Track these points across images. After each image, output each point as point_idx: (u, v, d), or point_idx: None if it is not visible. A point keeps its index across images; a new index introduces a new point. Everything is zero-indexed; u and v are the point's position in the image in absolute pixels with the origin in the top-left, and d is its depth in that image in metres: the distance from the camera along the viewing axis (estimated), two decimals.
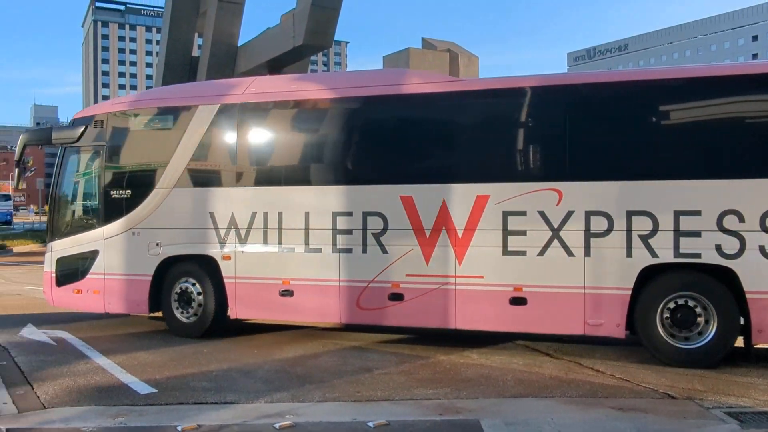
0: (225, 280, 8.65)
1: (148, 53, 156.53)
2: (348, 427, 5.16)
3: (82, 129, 9.57)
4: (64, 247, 9.58)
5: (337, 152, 8.59)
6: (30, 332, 8.99)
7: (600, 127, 7.58)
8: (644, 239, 7.10)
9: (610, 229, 7.21)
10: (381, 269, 8.03)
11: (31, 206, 69.34)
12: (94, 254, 9.30)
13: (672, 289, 7.11)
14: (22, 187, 11.00)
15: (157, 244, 8.96)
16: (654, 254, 7.06)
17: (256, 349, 8.08)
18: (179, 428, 5.00)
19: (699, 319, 6.99)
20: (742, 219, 6.80)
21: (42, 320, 9.85)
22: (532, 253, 7.45)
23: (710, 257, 6.88)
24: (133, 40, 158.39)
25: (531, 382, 6.50)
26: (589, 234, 7.28)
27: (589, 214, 7.28)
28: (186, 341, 8.47)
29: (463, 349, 7.97)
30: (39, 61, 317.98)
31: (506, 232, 7.56)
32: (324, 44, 35.27)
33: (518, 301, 7.48)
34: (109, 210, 9.26)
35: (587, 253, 7.28)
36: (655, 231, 7.06)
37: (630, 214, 7.15)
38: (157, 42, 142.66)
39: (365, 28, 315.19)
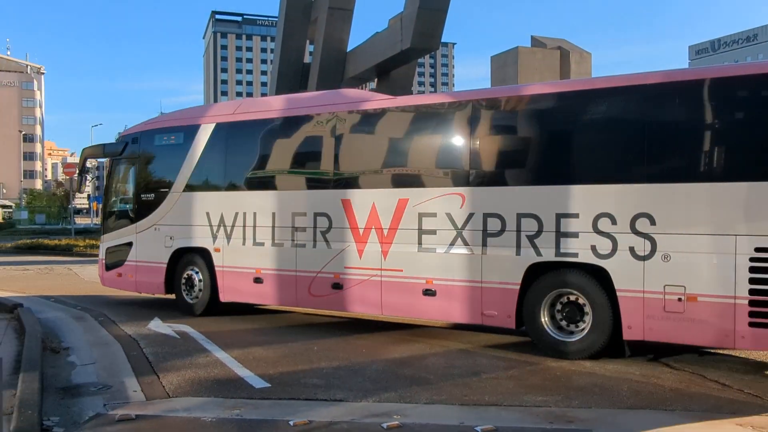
0: (216, 269, 10.41)
1: (263, 61, 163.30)
2: (455, 430, 5.13)
3: (123, 145, 11.88)
4: (111, 239, 11.95)
5: (294, 163, 10.15)
6: (156, 325, 9.63)
7: (492, 139, 8.46)
8: (531, 239, 7.77)
9: (503, 230, 7.96)
10: (326, 262, 9.34)
11: None
12: (129, 245, 11.52)
13: (554, 286, 7.74)
14: (83, 191, 13.85)
15: (171, 238, 10.96)
16: (539, 253, 7.72)
17: (365, 348, 8.21)
18: (291, 423, 5.17)
19: (585, 315, 7.53)
20: (614, 221, 7.28)
21: (167, 315, 10.51)
22: (441, 250, 8.40)
23: (586, 257, 7.43)
24: (249, 49, 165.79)
25: (648, 394, 6.17)
26: (486, 234, 8.08)
27: (486, 216, 8.09)
28: (297, 339, 8.75)
29: None
30: (166, 72, 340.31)
31: (420, 231, 8.56)
32: (431, 46, 35.39)
33: (429, 292, 8.45)
34: (140, 210, 11.41)
35: (484, 251, 8.08)
36: (540, 232, 7.72)
37: (519, 216, 7.85)
38: (272, 50, 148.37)
39: (472, 29, 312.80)
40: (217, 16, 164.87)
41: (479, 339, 8.88)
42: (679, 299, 6.97)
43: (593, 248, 7.38)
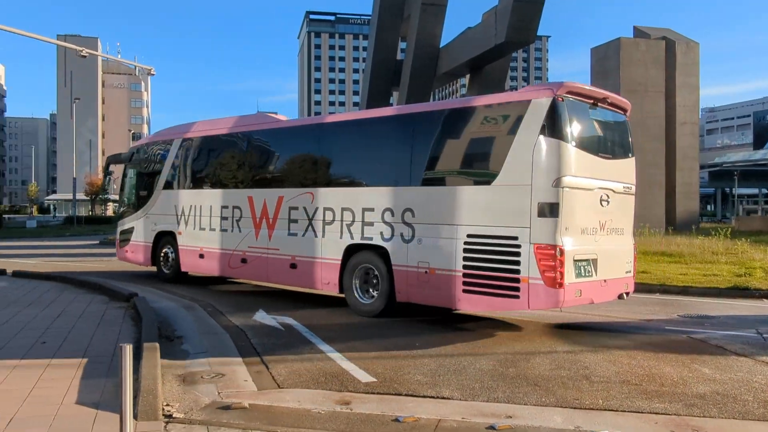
0: (179, 247, 13.80)
1: (355, 59, 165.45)
2: None
3: (131, 154, 15.92)
4: (121, 225, 15.92)
5: (217, 169, 13.33)
6: (262, 317, 9.90)
7: (317, 157, 11.36)
8: (348, 227, 10.37)
9: (333, 219, 10.62)
10: (238, 242, 12.34)
11: None
12: (131, 229, 15.40)
13: (360, 262, 10.23)
14: (107, 189, 19.96)
15: (155, 224, 14.55)
16: (352, 237, 10.29)
17: (468, 346, 8.08)
18: (400, 419, 5.14)
19: (377, 283, 9.99)
20: (393, 214, 9.74)
21: (271, 307, 10.81)
22: (300, 234, 11.10)
23: (376, 240, 9.93)
24: (342, 48, 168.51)
25: None
26: (323, 222, 10.76)
27: (324, 209, 10.77)
28: (398, 334, 8.76)
29: (691, 362, 7.29)
30: (263, 72, 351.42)
31: (290, 221, 11.33)
32: (526, 40, 34.60)
33: (293, 266, 11.23)
34: (139, 203, 15.21)
35: (323, 235, 10.75)
36: (353, 221, 10.29)
37: (342, 210, 10.48)
38: (364, 49, 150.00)
39: (567, 21, 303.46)
40: (311, 16, 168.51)
41: (584, 340, 8.57)
42: (426, 272, 9.28)
43: (381, 234, 9.87)
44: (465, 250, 8.73)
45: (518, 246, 8.21)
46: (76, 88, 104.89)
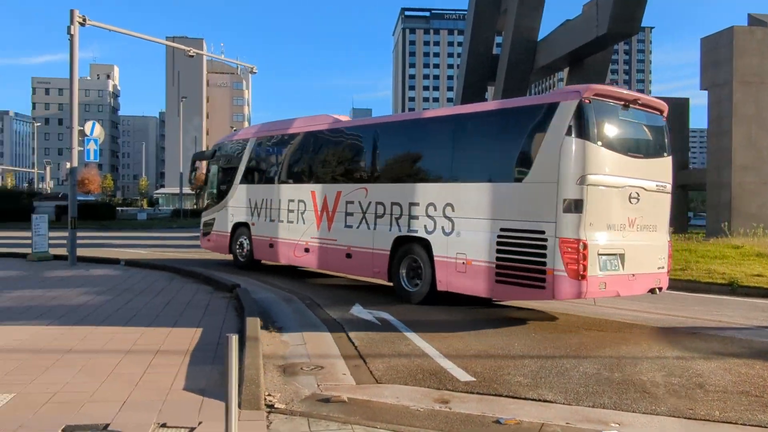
0: (252, 237, 15.04)
1: (450, 55, 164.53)
2: None
3: (213, 151, 17.27)
4: (205, 216, 17.22)
5: (283, 166, 14.50)
6: (359, 311, 9.96)
7: (370, 156, 12.19)
8: (396, 220, 11.10)
9: (384, 213, 11.37)
10: (302, 233, 13.39)
11: None
12: (213, 220, 16.80)
13: (406, 252, 10.91)
14: (193, 183, 20.36)
15: (233, 215, 15.86)
16: (400, 229, 11.01)
17: (569, 347, 7.78)
18: (501, 420, 4.99)
19: (421, 272, 10.60)
20: (435, 209, 10.34)
21: (367, 301, 10.88)
22: (355, 225, 11.97)
23: (421, 233, 10.56)
24: (437, 44, 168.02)
25: None
26: (375, 215, 11.55)
27: (376, 204, 11.56)
28: (497, 333, 8.56)
29: None
30: (358, 69, 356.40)
31: (346, 214, 12.21)
32: (630, 31, 33.14)
33: (349, 255, 12.10)
34: (220, 196, 16.46)
35: (374, 227, 11.58)
36: (401, 215, 11.01)
37: (392, 204, 11.23)
38: (459, 44, 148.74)
39: (672, 11, 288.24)
40: (407, 13, 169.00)
41: (695, 345, 8.05)
42: (463, 263, 9.83)
43: (425, 227, 10.56)
44: (498, 243, 9.29)
45: (545, 240, 8.67)
46: (182, 88, 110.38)
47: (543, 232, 8.67)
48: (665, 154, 9.79)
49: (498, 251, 9.24)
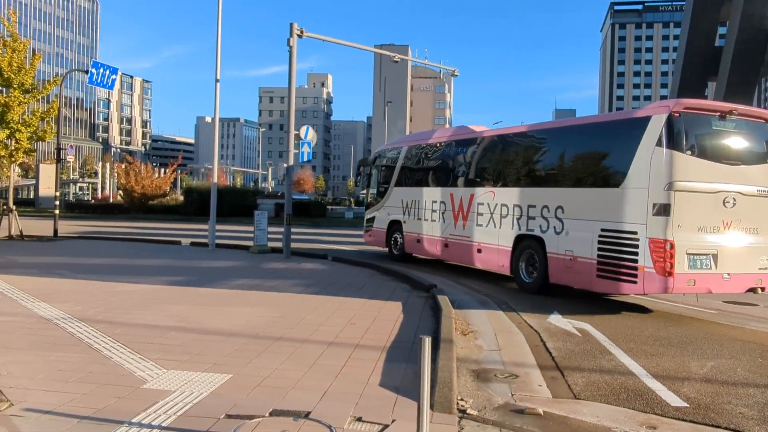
0: (404, 233, 17.13)
1: (664, 50, 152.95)
2: None
3: (374, 158, 19.54)
4: (368, 214, 19.36)
5: (427, 171, 16.51)
6: (556, 320, 9.54)
7: (497, 162, 13.97)
8: (518, 220, 12.58)
9: (507, 214, 12.90)
10: (443, 230, 15.20)
11: None
12: (373, 218, 18.88)
13: (525, 248, 12.37)
14: (360, 186, 23.21)
15: (389, 214, 17.94)
16: (520, 229, 12.47)
17: None
18: None
19: (537, 265, 12.03)
20: (548, 210, 11.75)
21: (566, 309, 10.40)
22: (485, 224, 13.61)
23: (536, 232, 12.00)
24: (649, 38, 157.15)
25: None
26: (500, 215, 13.13)
27: (501, 205, 13.13)
28: (716, 353, 7.65)
29: None
30: (561, 69, 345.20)
31: (477, 214, 13.91)
32: None
33: (479, 251, 13.85)
34: (379, 197, 18.62)
35: (499, 225, 13.12)
36: (521, 216, 12.49)
37: (513, 206, 12.73)
38: (675, 38, 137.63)
39: None
40: (616, 7, 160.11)
41: None
42: (570, 259, 11.00)
43: (540, 226, 11.82)
44: (599, 242, 10.40)
45: (637, 239, 9.70)
46: (388, 93, 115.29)
47: (636, 233, 9.71)
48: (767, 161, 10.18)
49: (599, 249, 10.37)
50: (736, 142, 10.09)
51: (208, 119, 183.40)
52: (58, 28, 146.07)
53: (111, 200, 56.09)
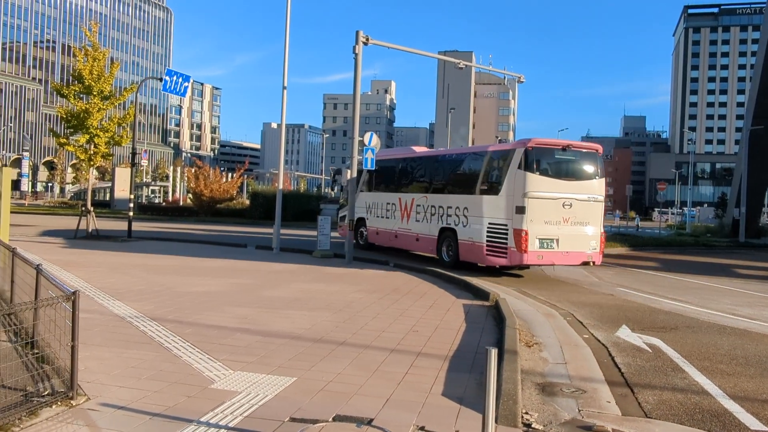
0: (368, 228, 21.67)
1: (741, 54, 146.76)
2: None
3: (346, 168, 23.94)
4: (340, 213, 23.86)
5: (382, 180, 21.15)
6: (626, 334, 9.20)
7: (428, 176, 19.35)
8: (440, 217, 17.60)
9: (435, 213, 17.89)
10: (394, 225, 20.03)
11: (617, 211, 73.67)
12: (344, 215, 21.24)
13: (446, 237, 17.34)
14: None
15: (356, 212, 20.41)
16: (442, 223, 17.50)
17: None
18: None
19: (452, 250, 17.03)
20: (458, 210, 16.75)
21: (636, 324, 10.04)
22: (421, 220, 18.57)
23: (451, 225, 17.05)
24: (725, 42, 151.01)
25: None
26: (430, 214, 18.10)
27: (431, 206, 18.08)
28: None
29: None
30: (628, 75, 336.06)
31: (416, 212, 18.82)
32: None
33: (417, 239, 18.80)
34: (347, 199, 20.73)
35: (430, 221, 18.10)
36: (443, 214, 17.48)
37: (437, 206, 17.79)
38: (754, 41, 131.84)
39: None
40: (690, 10, 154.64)
41: None
42: (471, 243, 16.12)
43: (453, 221, 16.93)
44: (487, 231, 15.54)
45: (507, 229, 14.90)
46: (451, 99, 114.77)
47: (506, 225, 14.93)
48: (597, 177, 15.59)
49: (487, 236, 15.49)
50: (573, 165, 15.43)
51: (274, 125, 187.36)
52: (134, 38, 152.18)
53: (181, 203, 57.91)
